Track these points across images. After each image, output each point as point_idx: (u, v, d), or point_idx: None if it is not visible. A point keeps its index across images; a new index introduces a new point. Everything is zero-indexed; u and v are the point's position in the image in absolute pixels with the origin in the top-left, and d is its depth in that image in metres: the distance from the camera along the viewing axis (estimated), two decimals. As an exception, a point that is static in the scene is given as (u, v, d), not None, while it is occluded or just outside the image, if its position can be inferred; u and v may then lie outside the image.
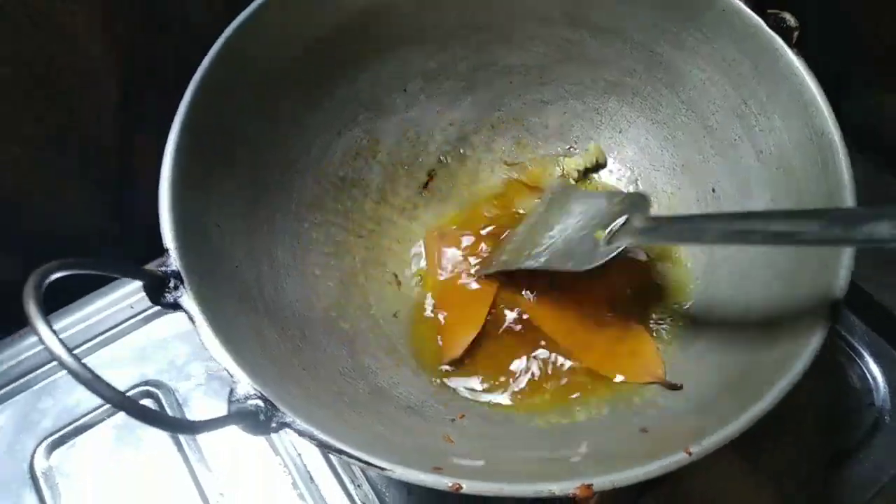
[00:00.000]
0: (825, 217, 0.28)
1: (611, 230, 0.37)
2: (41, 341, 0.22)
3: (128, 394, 0.43)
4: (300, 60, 0.40)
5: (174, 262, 0.31)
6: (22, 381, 0.45)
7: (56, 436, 0.43)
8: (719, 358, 0.35)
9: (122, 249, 0.49)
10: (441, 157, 0.47)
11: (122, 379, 0.45)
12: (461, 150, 0.48)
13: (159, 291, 0.30)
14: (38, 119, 0.43)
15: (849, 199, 0.33)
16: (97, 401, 0.43)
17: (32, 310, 0.22)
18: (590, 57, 0.45)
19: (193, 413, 0.44)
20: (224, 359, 0.28)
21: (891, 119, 0.64)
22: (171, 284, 0.30)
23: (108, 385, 0.23)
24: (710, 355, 0.36)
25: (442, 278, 0.43)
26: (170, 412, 0.44)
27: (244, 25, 0.37)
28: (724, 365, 0.34)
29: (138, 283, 0.30)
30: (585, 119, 0.47)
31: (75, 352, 0.44)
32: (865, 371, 0.44)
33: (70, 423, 0.43)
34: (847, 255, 0.31)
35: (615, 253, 0.36)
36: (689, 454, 0.27)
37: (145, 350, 0.46)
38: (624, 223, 0.37)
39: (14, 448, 0.43)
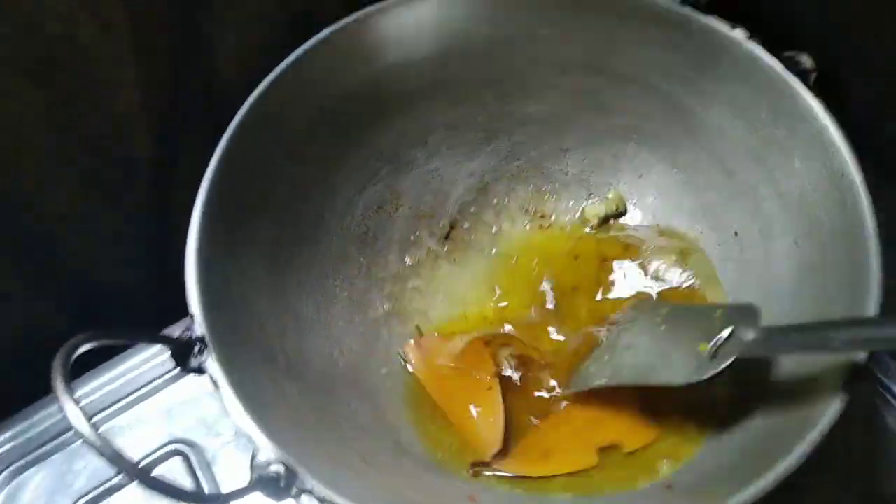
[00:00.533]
0: None
1: (715, 343, 0.35)
2: (66, 416, 0.23)
3: (156, 453, 0.45)
4: (324, 119, 0.42)
5: (199, 327, 0.31)
6: (58, 440, 0.46)
7: (89, 496, 0.44)
8: (742, 419, 0.34)
9: (159, 301, 0.51)
10: (462, 208, 0.48)
11: (151, 438, 0.45)
12: (482, 200, 0.48)
13: (186, 357, 0.31)
14: (81, 172, 0.44)
15: (871, 241, 0.32)
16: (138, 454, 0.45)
17: (59, 386, 0.23)
18: (607, 104, 0.45)
19: (223, 471, 0.44)
20: (247, 425, 0.29)
21: None
22: (197, 349, 0.31)
23: (131, 462, 0.23)
24: (735, 413, 0.35)
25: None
26: (199, 471, 0.44)
27: (270, 88, 0.38)
28: (747, 426, 0.33)
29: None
30: (605, 165, 0.47)
31: (106, 412, 0.46)
32: (904, 415, 0.43)
33: (103, 483, 0.44)
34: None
35: (725, 365, 0.34)
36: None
37: (175, 408, 0.46)
38: (730, 335, 0.35)
39: (49, 508, 0.43)
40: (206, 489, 0.43)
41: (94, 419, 0.46)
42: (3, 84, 0.38)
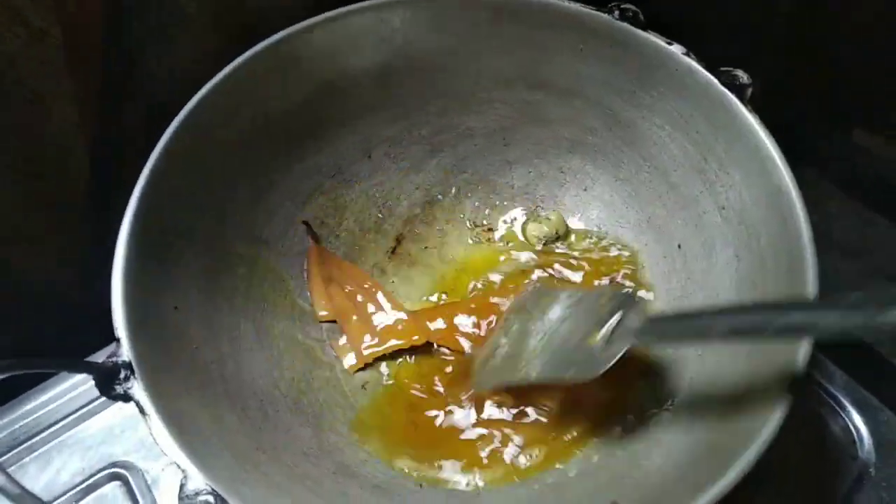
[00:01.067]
0: (843, 305, 0.26)
1: (605, 332, 0.35)
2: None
3: (94, 477, 0.43)
4: (261, 134, 0.41)
5: (125, 352, 0.30)
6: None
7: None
8: (686, 431, 0.34)
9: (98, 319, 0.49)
10: (408, 221, 0.47)
11: (88, 461, 0.44)
12: (429, 214, 0.48)
13: (110, 384, 0.30)
14: (22, 191, 0.43)
15: (808, 253, 0.32)
16: (67, 486, 0.43)
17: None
18: (550, 117, 0.45)
19: (163, 494, 0.43)
20: (175, 453, 0.28)
21: (875, 159, 0.65)
22: (122, 375, 0.30)
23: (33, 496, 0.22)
24: (677, 427, 0.35)
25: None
26: (138, 494, 0.42)
27: (200, 105, 0.38)
28: (692, 439, 0.33)
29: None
30: (550, 178, 0.47)
31: (44, 434, 0.45)
32: (848, 422, 0.44)
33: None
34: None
35: (618, 358, 0.34)
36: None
37: (114, 429, 0.45)
38: (618, 323, 0.35)
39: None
40: (147, 513, 0.42)
41: (30, 442, 0.45)
42: None
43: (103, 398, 0.45)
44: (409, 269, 0.46)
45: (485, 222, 0.48)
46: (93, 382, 0.46)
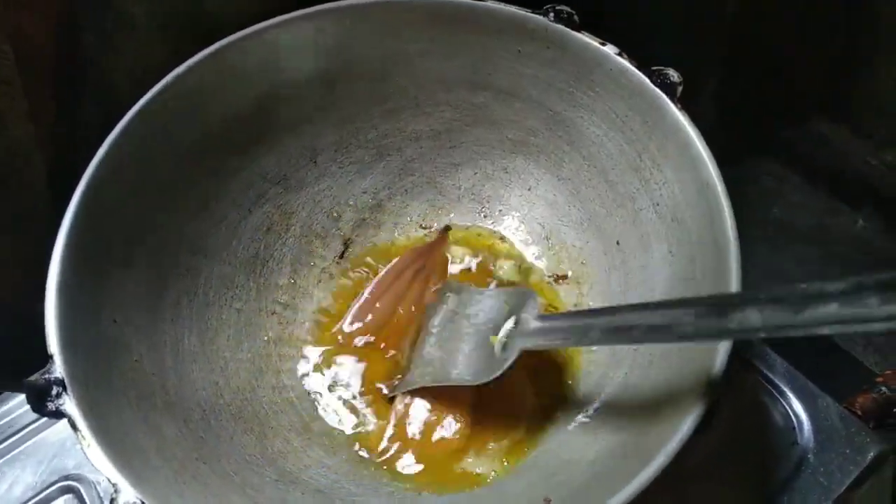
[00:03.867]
0: (699, 305, 0.27)
1: (503, 335, 0.36)
2: None
3: (46, 490, 0.43)
4: (203, 143, 0.41)
5: (58, 368, 0.30)
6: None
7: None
8: (615, 430, 0.35)
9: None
10: (356, 225, 0.48)
11: (40, 475, 0.44)
12: (377, 217, 0.48)
13: (42, 400, 0.30)
14: None
15: (731, 248, 0.33)
16: (20, 501, 0.43)
17: None
18: (494, 118, 0.46)
19: (117, 505, 0.43)
20: (105, 466, 0.28)
21: (831, 147, 0.66)
22: (55, 392, 0.30)
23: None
24: (607, 426, 0.36)
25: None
26: (91, 507, 0.43)
27: (140, 114, 0.38)
28: (621, 437, 0.34)
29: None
30: (495, 179, 0.48)
31: (-4, 447, 0.45)
32: (788, 409, 0.44)
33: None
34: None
35: (512, 360, 0.35)
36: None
37: (66, 443, 0.45)
38: (515, 325, 0.36)
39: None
40: (99, 525, 0.42)
41: (-21, 459, 0.45)
42: None
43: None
44: (359, 271, 0.47)
45: (433, 223, 0.48)
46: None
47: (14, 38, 0.39)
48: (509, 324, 0.36)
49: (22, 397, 0.47)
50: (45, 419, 0.46)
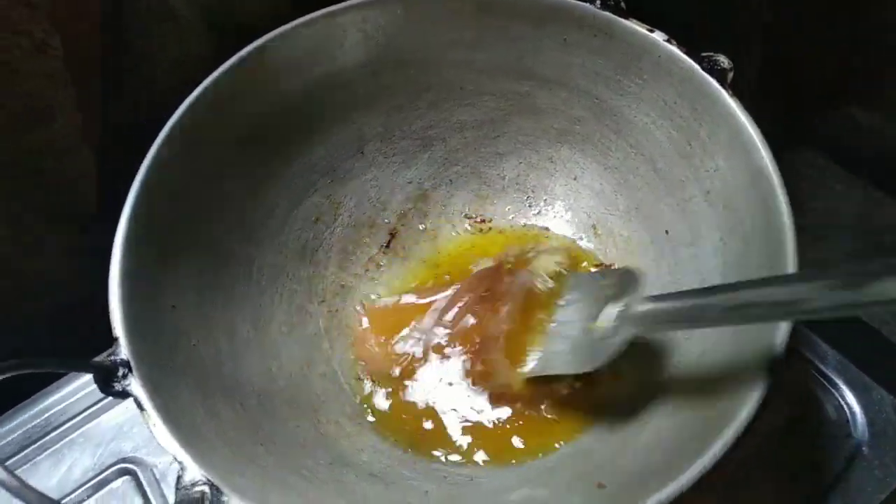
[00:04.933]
0: (832, 278, 0.26)
1: (607, 320, 0.34)
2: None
3: (104, 472, 0.45)
4: (254, 134, 0.42)
5: (123, 350, 0.31)
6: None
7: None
8: (672, 413, 0.35)
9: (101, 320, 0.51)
10: (402, 215, 0.48)
11: (98, 458, 0.45)
12: (422, 207, 0.48)
13: (109, 381, 0.31)
14: (23, 194, 0.44)
15: (787, 236, 0.33)
16: (78, 482, 0.45)
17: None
18: (539, 108, 0.46)
19: (171, 487, 0.44)
20: (171, 445, 0.29)
21: (868, 134, 0.65)
22: (121, 373, 0.31)
23: (39, 494, 0.23)
24: (664, 409, 0.36)
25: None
26: (147, 488, 0.44)
27: (193, 106, 0.39)
28: (677, 420, 0.34)
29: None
30: (540, 168, 0.48)
31: (55, 433, 0.46)
32: (841, 401, 0.44)
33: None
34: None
35: (620, 347, 0.34)
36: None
37: (123, 426, 0.46)
38: (620, 311, 0.34)
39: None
40: (155, 505, 0.43)
41: (41, 441, 0.46)
42: None
43: (108, 397, 0.48)
44: (404, 262, 0.47)
45: (478, 213, 0.49)
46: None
47: (63, 31, 0.40)
48: (613, 308, 0.34)
49: (78, 383, 0.49)
50: (101, 403, 0.48)
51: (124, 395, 0.30)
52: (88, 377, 0.48)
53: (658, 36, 0.39)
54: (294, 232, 0.44)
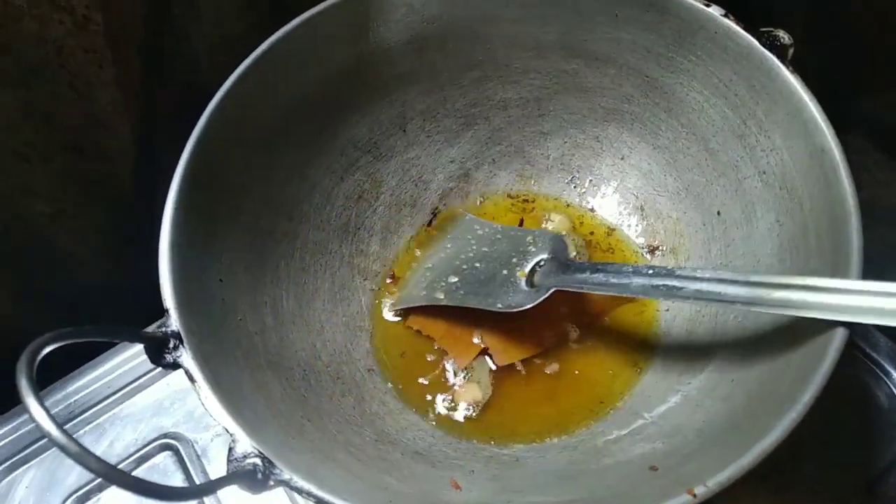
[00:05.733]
0: (746, 283, 0.32)
1: (531, 270, 0.40)
2: (32, 418, 0.23)
3: (146, 447, 0.45)
4: (298, 110, 0.41)
5: (173, 322, 0.31)
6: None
7: (80, 492, 0.44)
8: (726, 389, 0.34)
9: (146, 294, 0.51)
10: (444, 195, 0.48)
11: (140, 433, 0.45)
12: (464, 186, 0.48)
13: (160, 352, 0.31)
14: (61, 168, 0.44)
15: (851, 217, 0.32)
16: (120, 457, 0.45)
17: (24, 386, 0.23)
18: (586, 86, 0.45)
19: (213, 463, 0.44)
20: (223, 417, 0.29)
21: None
22: (172, 345, 0.31)
23: (97, 458, 0.23)
24: (716, 394, 0.35)
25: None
26: (189, 464, 0.44)
27: (238, 81, 0.38)
28: (731, 396, 0.33)
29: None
30: (586, 148, 0.47)
31: (97, 407, 0.46)
32: (893, 389, 0.43)
33: (94, 480, 0.44)
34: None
35: (546, 296, 0.38)
36: (694, 496, 0.26)
37: (164, 402, 0.47)
38: (544, 264, 0.40)
39: (41, 505, 0.44)
40: (197, 481, 0.43)
41: (84, 415, 0.46)
42: None
43: (153, 372, 0.48)
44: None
45: (521, 193, 0.48)
46: (143, 357, 0.49)
47: (105, 7, 0.40)
48: (536, 261, 0.40)
49: (119, 358, 0.49)
50: (143, 379, 0.48)
51: (175, 366, 0.30)
52: (132, 352, 0.49)
53: (715, 10, 0.38)
54: (336, 209, 0.44)
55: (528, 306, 0.38)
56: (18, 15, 0.37)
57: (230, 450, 0.28)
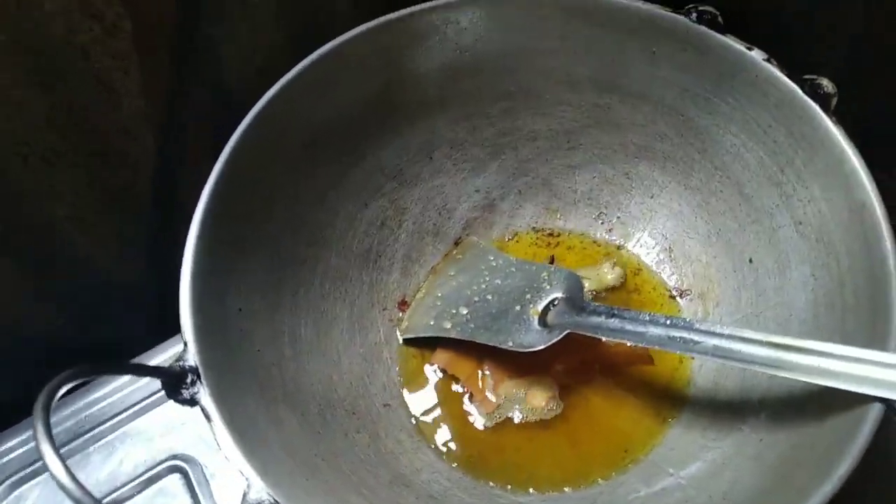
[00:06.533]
0: (770, 345, 0.31)
1: (544, 309, 0.39)
2: (45, 465, 0.22)
3: (155, 468, 0.44)
4: (326, 134, 0.41)
5: (191, 357, 0.30)
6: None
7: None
8: (755, 448, 0.33)
9: (160, 301, 0.50)
10: (468, 224, 0.47)
11: (149, 453, 0.45)
12: (488, 217, 0.47)
13: (177, 387, 0.30)
14: (85, 174, 0.44)
15: (892, 278, 0.31)
16: (129, 477, 0.44)
17: (40, 432, 0.22)
18: (619, 121, 0.44)
19: (221, 487, 0.44)
20: (238, 460, 0.28)
21: None
22: (189, 380, 0.30)
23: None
24: (745, 444, 0.34)
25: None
26: (197, 487, 0.43)
27: (269, 105, 0.38)
28: (760, 457, 0.32)
29: (168, 357, 0.30)
30: (615, 184, 0.46)
31: (105, 426, 0.46)
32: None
33: (102, 499, 0.43)
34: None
35: (559, 338, 0.37)
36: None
37: (174, 422, 0.46)
38: (557, 303, 0.39)
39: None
40: (203, 504, 0.43)
41: (93, 432, 0.46)
42: (4, 88, 0.37)
43: (160, 393, 0.47)
44: (469, 273, 0.46)
45: (546, 226, 0.47)
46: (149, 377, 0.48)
47: (135, 13, 0.39)
48: (550, 299, 0.39)
49: (128, 377, 0.48)
50: (154, 397, 0.47)
51: (192, 402, 0.30)
52: (143, 369, 0.48)
53: (757, 54, 0.37)
54: (359, 235, 0.43)
55: (540, 347, 0.37)
56: (48, 20, 0.37)
57: (244, 495, 0.28)
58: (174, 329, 0.48)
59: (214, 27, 0.44)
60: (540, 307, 0.40)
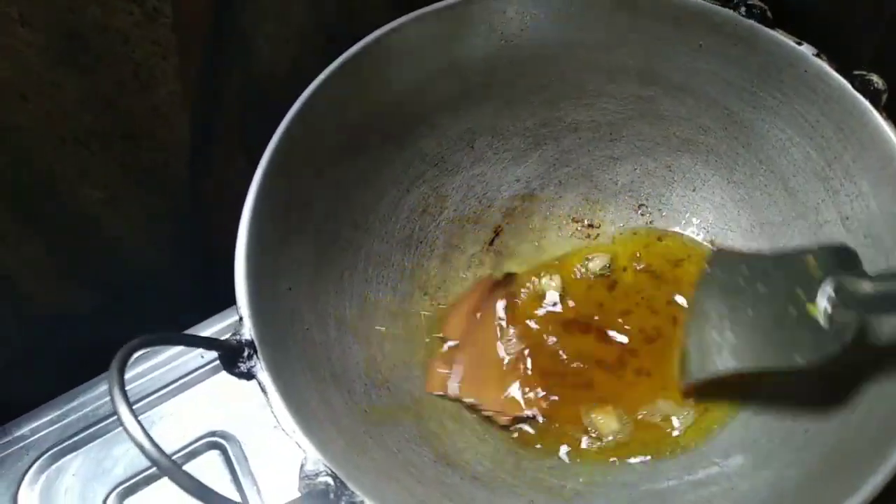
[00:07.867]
0: None
1: (827, 304, 0.31)
2: (122, 425, 0.23)
3: (194, 444, 0.45)
4: (371, 122, 0.41)
5: (248, 331, 0.31)
6: (98, 426, 0.46)
7: (127, 484, 0.44)
8: (800, 439, 0.33)
9: (195, 283, 0.51)
10: (507, 213, 0.47)
11: (190, 430, 0.45)
12: (528, 207, 0.47)
13: (234, 360, 0.31)
14: (120, 156, 0.45)
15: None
16: (168, 452, 0.45)
17: (116, 393, 0.23)
18: (662, 114, 0.44)
19: (259, 465, 0.44)
20: (296, 433, 0.29)
21: None
22: (245, 354, 0.31)
23: (189, 476, 0.23)
24: (788, 440, 0.34)
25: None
26: (236, 464, 0.44)
27: (315, 93, 0.38)
28: (806, 447, 0.32)
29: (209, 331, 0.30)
30: (657, 176, 0.46)
31: (146, 400, 0.46)
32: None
33: (141, 472, 0.44)
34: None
35: (853, 335, 0.31)
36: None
37: (214, 400, 0.46)
38: (842, 289, 0.30)
39: (86, 495, 0.44)
40: (243, 483, 0.43)
41: (135, 406, 0.46)
42: (42, 71, 0.38)
43: (204, 368, 0.48)
44: (507, 261, 0.46)
45: (586, 217, 0.47)
46: (195, 353, 0.49)
47: (176, 2, 0.40)
48: (830, 289, 0.31)
49: (170, 353, 0.49)
50: (193, 374, 0.48)
51: (249, 376, 0.30)
52: (179, 347, 0.49)
53: (806, 49, 0.37)
54: (401, 221, 0.44)
55: (832, 353, 0.31)
56: (87, 3, 0.37)
57: (301, 466, 0.28)
58: (205, 309, 0.49)
59: (249, 13, 0.44)
60: (822, 303, 0.32)
